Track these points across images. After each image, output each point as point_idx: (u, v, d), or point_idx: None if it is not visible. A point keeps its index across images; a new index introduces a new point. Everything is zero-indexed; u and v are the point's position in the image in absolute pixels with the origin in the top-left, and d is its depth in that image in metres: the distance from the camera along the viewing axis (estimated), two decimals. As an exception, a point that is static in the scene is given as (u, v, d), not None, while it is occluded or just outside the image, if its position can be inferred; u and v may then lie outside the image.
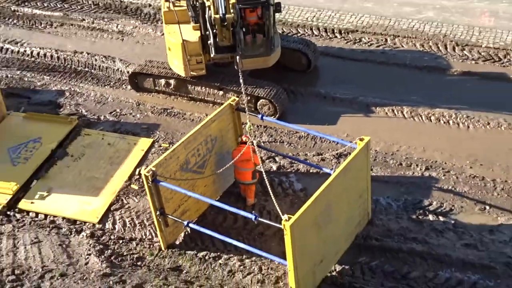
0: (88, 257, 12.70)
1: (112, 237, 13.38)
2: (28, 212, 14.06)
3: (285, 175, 14.39)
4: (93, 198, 14.21)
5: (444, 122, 15.67)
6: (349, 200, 12.12)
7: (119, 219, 13.76)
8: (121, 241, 13.27)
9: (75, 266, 12.48)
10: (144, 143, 15.53)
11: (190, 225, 12.63)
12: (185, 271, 12.50)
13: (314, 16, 19.69)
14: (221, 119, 13.26)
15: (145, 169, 11.88)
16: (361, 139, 11.85)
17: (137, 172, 14.47)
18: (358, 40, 18.66)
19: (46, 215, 13.95)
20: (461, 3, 19.62)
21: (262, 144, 14.89)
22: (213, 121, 13.02)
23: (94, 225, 13.65)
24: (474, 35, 18.32)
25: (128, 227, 13.60)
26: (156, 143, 15.62)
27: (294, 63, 17.27)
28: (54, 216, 13.90)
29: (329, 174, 11.63)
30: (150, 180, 11.68)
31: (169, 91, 17.10)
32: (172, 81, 16.82)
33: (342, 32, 19.02)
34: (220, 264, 12.56)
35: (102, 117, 16.65)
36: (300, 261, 10.92)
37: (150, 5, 20.82)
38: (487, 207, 13.31)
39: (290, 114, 16.01)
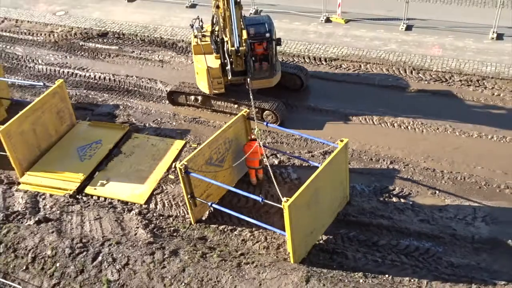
0: (136, 229, 12.76)
1: (154, 214, 13.42)
2: (92, 196, 14.13)
3: (284, 168, 14.35)
4: (140, 185, 14.24)
5: (404, 127, 15.56)
6: (332, 186, 12.12)
7: (159, 201, 13.78)
8: (161, 217, 13.30)
9: (127, 236, 12.57)
10: (178, 144, 15.51)
11: (213, 205, 12.66)
12: (209, 240, 12.54)
13: (306, 48, 19.58)
14: (236, 126, 13.26)
15: (179, 163, 11.92)
16: (341, 140, 11.87)
17: (173, 166, 14.43)
18: (339, 66, 18.49)
19: (105, 198, 14.02)
20: (417, 38, 19.47)
21: (267, 144, 14.89)
22: (230, 127, 13.04)
23: (141, 205, 13.68)
24: (427, 62, 18.16)
25: (167, 207, 13.61)
26: (188, 144, 15.58)
27: (291, 84, 17.12)
28: (111, 199, 13.97)
29: (317, 167, 11.61)
30: (183, 171, 11.75)
31: (197, 105, 17.02)
32: (199, 97, 16.77)
33: (327, 60, 18.86)
34: (235, 234, 12.59)
35: (147, 124, 16.62)
36: (296, 232, 10.95)
37: (183, 41, 20.80)
38: (437, 192, 13.29)
39: (288, 121, 15.90)
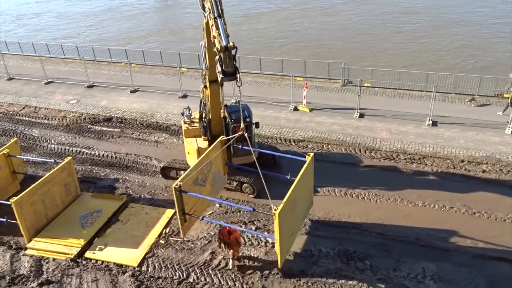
0: (129, 290, 12.17)
1: (146, 276, 12.87)
2: (91, 260, 13.54)
3: (260, 233, 13.90)
4: (134, 249, 13.77)
5: (361, 198, 15.62)
6: (303, 193, 12.47)
7: (151, 264, 13.27)
8: (151, 279, 12.75)
9: (120, 297, 11.96)
10: (169, 212, 15.20)
11: (205, 218, 12.72)
12: (194, 300, 11.98)
13: (278, 131, 19.99)
14: (215, 149, 13.15)
15: (174, 184, 11.44)
16: (309, 155, 12.33)
17: (164, 232, 14.09)
18: (305, 146, 18.81)
19: (102, 261, 13.44)
20: (368, 124, 20.11)
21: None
22: (211, 151, 12.96)
23: (134, 268, 13.16)
24: (377, 143, 18.62)
25: (157, 269, 13.09)
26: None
27: (266, 160, 17.05)
28: (108, 262, 13.39)
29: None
30: (177, 191, 11.43)
31: (186, 179, 16.97)
32: (188, 172, 16.75)
33: (295, 141, 19.21)
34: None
35: (142, 196, 16.35)
36: (282, 234, 11.11)
37: (175, 125, 21.09)
38: (391, 254, 13.11)
39: (263, 193, 15.25)
